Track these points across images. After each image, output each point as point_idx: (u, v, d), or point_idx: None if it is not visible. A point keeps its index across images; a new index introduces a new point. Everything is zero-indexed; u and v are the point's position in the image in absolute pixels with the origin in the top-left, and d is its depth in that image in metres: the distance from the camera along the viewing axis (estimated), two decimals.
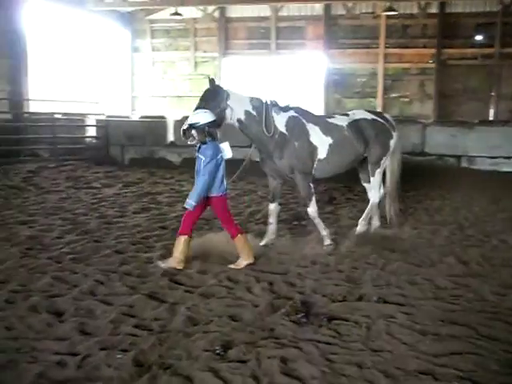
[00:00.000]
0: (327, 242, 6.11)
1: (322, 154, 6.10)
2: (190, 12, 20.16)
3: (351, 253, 6.01)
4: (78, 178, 11.46)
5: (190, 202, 5.19)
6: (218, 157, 5.26)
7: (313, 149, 6.03)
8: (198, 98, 5.69)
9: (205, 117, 5.23)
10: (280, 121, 5.90)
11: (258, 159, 6.31)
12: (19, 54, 14.91)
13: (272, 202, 6.22)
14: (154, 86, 21.65)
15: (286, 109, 6.06)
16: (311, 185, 6.08)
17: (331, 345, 3.70)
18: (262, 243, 6.10)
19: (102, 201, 9.06)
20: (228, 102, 5.62)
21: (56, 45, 17.85)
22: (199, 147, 5.32)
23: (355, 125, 6.38)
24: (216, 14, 20.62)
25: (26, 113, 15.12)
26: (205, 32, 20.98)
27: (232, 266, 5.38)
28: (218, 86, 5.74)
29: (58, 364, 3.40)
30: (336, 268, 5.51)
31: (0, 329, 3.86)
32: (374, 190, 6.70)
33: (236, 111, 5.70)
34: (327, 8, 19.47)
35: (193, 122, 5.21)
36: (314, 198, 6.04)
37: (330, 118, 6.55)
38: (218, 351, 3.54)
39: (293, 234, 6.78)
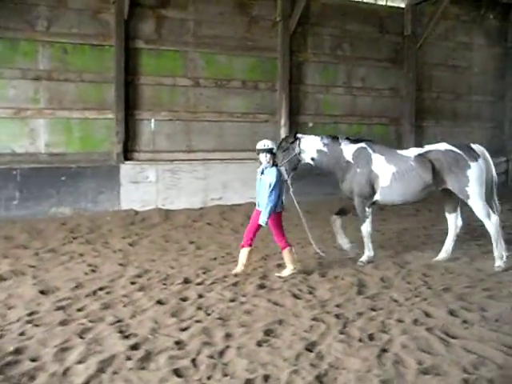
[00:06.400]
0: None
1: (384, 181, 6.80)
2: None
3: None
4: None
5: (264, 219, 6.02)
6: (281, 178, 6.26)
7: (374, 176, 6.84)
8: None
9: (270, 142, 6.24)
10: (348, 151, 6.99)
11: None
12: None
13: (335, 214, 7.15)
14: None
15: (356, 141, 7.08)
16: (367, 208, 6.90)
17: None
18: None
19: None
20: (301, 147, 6.93)
21: None
22: (262, 170, 6.25)
23: (423, 155, 6.80)
24: None
25: None
26: None
27: (278, 275, 6.19)
28: (291, 136, 7.06)
29: None
30: None
31: None
32: (484, 219, 6.61)
33: (308, 152, 7.00)
34: None
35: (269, 146, 6.18)
36: (368, 221, 6.91)
37: (402, 150, 7.14)
38: None
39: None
